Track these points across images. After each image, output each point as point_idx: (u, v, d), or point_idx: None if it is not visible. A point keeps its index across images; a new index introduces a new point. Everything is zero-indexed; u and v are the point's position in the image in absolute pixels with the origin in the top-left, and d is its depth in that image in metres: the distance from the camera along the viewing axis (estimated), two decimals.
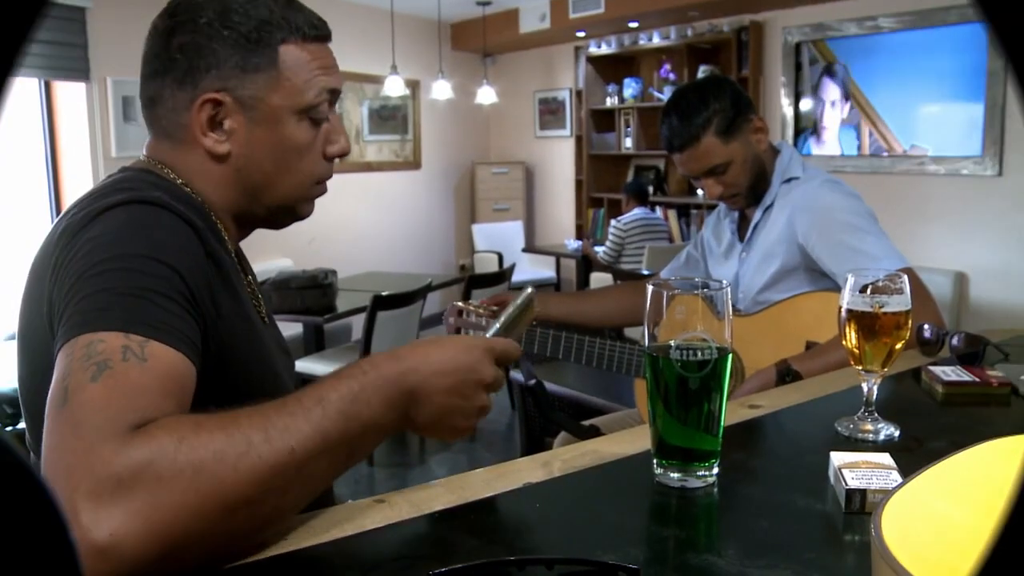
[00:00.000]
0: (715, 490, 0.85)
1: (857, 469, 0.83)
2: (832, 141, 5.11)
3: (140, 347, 0.71)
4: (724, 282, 0.86)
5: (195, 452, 0.65)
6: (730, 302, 0.86)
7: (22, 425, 2.38)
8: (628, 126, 6.36)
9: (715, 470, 0.86)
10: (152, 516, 0.61)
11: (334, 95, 0.99)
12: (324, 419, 0.72)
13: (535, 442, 3.03)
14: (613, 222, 5.53)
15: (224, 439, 0.66)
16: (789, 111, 5.27)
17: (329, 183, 1.05)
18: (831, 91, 5.06)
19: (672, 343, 0.83)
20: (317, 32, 0.97)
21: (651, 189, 6.15)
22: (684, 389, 0.83)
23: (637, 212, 5.47)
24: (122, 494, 0.61)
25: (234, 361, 0.88)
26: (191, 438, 0.65)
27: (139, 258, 0.78)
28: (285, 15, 0.94)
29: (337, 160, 1.03)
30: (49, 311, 0.80)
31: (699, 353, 0.83)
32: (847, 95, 4.98)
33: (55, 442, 0.65)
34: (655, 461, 0.87)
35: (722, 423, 0.86)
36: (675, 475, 0.85)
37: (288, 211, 1.02)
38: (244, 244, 1.09)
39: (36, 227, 4.61)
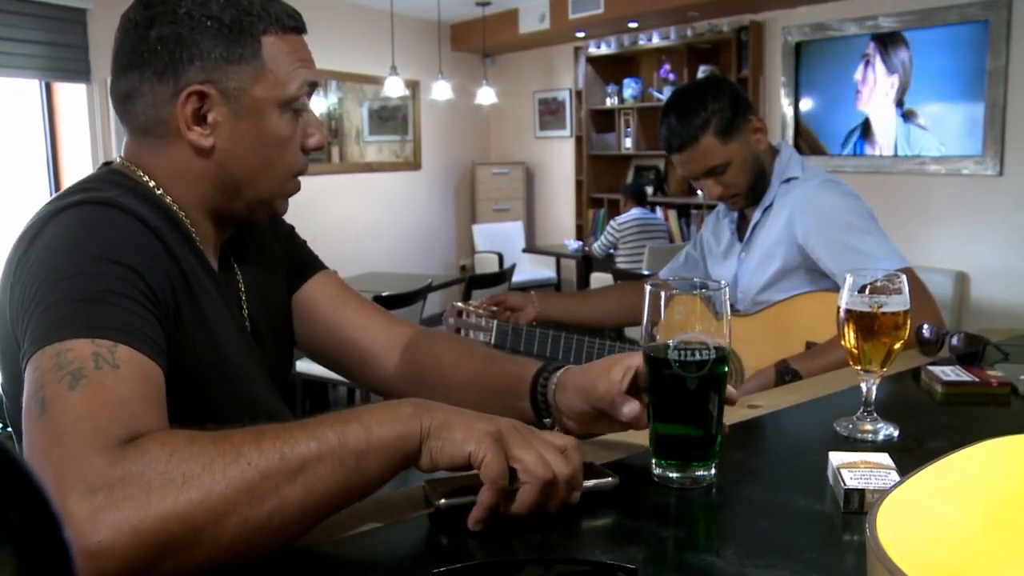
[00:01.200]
0: (713, 490, 0.86)
1: (856, 469, 0.83)
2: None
3: (110, 352, 0.71)
4: (723, 282, 0.86)
5: (185, 463, 0.65)
6: (728, 302, 0.86)
7: None
8: (628, 126, 6.36)
9: (713, 470, 0.86)
10: (140, 524, 0.61)
11: (312, 87, 0.99)
12: (320, 426, 0.70)
13: None
14: (611, 221, 5.57)
15: (214, 450, 0.66)
16: (789, 111, 5.27)
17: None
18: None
19: (670, 343, 0.83)
20: (295, 23, 0.96)
21: (651, 190, 6.15)
22: (682, 389, 0.83)
23: (634, 212, 5.49)
24: (112, 502, 0.61)
25: (196, 363, 0.88)
26: (183, 450, 0.66)
27: (95, 260, 0.77)
28: (264, 5, 0.93)
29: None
30: (12, 319, 0.79)
31: (697, 353, 0.83)
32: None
33: (38, 451, 0.65)
34: (653, 461, 0.87)
35: (720, 423, 0.86)
36: (674, 475, 0.86)
37: (266, 206, 1.00)
38: None
39: None
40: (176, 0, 0.90)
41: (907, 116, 4.75)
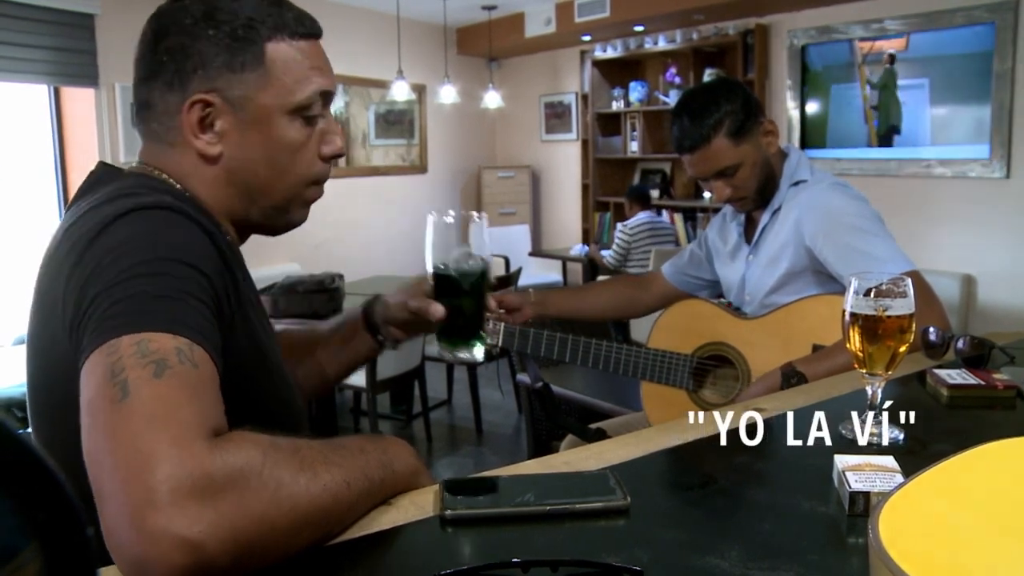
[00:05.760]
0: (717, 492, 0.86)
1: (861, 472, 0.83)
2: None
3: (190, 350, 0.71)
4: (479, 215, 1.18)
5: (278, 468, 0.67)
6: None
7: None
8: (634, 129, 6.36)
9: (478, 355, 1.17)
10: (237, 522, 0.62)
11: (327, 95, 0.98)
12: (367, 466, 0.79)
13: (542, 445, 3.03)
14: (619, 226, 5.50)
15: (297, 462, 0.70)
16: (795, 113, 5.27)
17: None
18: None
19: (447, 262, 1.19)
20: (306, 30, 0.95)
21: (656, 193, 6.12)
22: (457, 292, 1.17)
23: (643, 216, 5.45)
24: (213, 494, 0.62)
25: (245, 366, 0.88)
26: (273, 454, 0.68)
27: (167, 262, 0.77)
28: (271, 12, 0.93)
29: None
30: (63, 314, 0.78)
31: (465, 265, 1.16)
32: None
33: (121, 435, 0.63)
34: (436, 340, 1.18)
35: (481, 320, 1.18)
36: (447, 354, 1.19)
37: (282, 213, 1.01)
38: (251, 249, 1.09)
39: (45, 232, 4.63)
40: (183, 12, 0.91)
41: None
